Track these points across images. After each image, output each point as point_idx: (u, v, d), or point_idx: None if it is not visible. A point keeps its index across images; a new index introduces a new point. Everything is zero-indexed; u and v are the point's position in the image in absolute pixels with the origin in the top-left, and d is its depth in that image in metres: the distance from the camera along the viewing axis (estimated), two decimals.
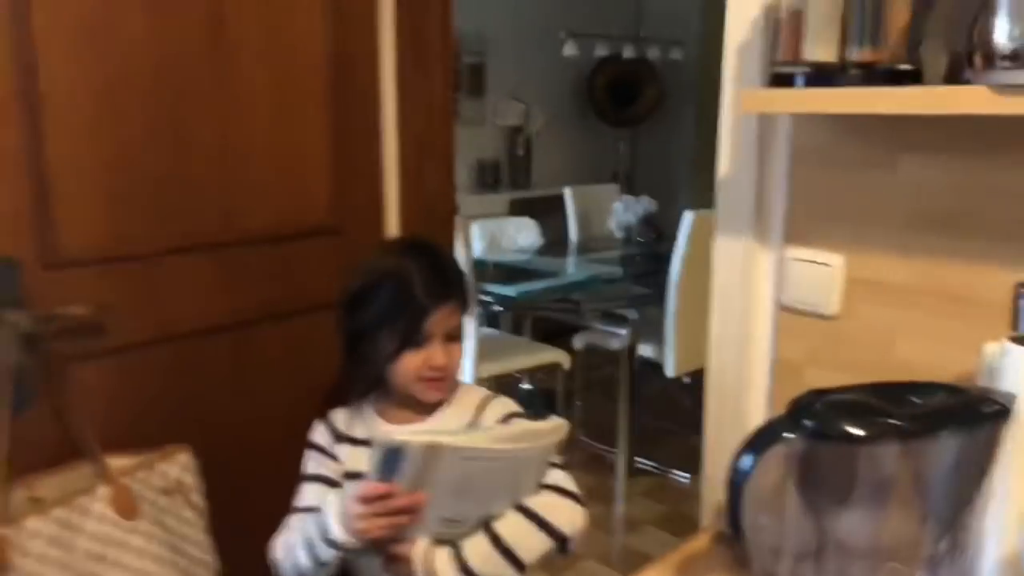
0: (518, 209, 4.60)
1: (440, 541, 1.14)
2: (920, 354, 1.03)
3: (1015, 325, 0.84)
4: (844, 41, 0.92)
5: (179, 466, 1.34)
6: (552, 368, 3.36)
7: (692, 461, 2.21)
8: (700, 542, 1.01)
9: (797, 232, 1.14)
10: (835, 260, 1.10)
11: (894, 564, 0.71)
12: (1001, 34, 0.79)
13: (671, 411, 3.71)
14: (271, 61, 1.49)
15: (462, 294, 1.24)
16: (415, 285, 1.18)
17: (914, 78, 0.92)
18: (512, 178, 5.14)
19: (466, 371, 2.87)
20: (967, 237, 0.98)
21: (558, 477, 1.19)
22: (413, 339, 1.19)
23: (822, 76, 0.94)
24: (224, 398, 1.50)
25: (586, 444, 3.57)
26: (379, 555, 1.15)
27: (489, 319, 3.80)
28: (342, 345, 1.28)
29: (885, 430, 0.71)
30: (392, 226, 1.79)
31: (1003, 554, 0.73)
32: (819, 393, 0.78)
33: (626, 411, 3.09)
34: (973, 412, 0.75)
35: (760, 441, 0.75)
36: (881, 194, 1.05)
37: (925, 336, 1.02)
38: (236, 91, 1.44)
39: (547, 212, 4.55)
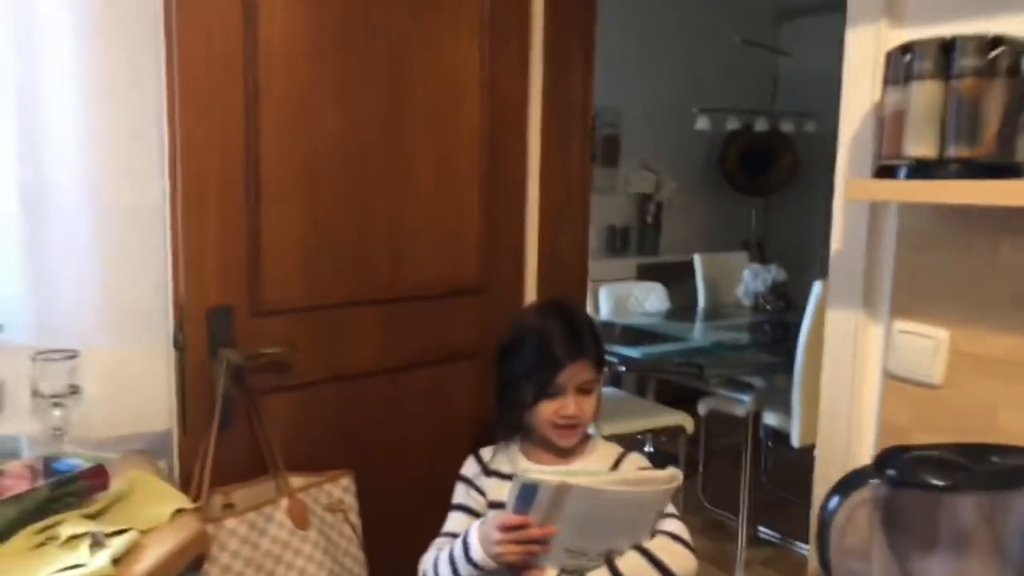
0: (646, 274, 4.73)
1: (564, 571, 1.28)
2: (1021, 424, 1.10)
3: None
4: (943, 139, 1.05)
5: (341, 488, 1.56)
6: (676, 432, 3.42)
7: None
8: None
9: (904, 307, 1.24)
10: (940, 334, 1.19)
11: None
12: None
13: (796, 482, 3.66)
14: (435, 149, 1.74)
15: (595, 352, 1.40)
16: (553, 342, 1.36)
17: (1009, 171, 1.03)
18: (640, 244, 5.28)
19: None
20: None
21: (675, 527, 1.33)
22: (548, 390, 1.36)
23: (921, 169, 1.06)
24: (380, 431, 1.73)
25: (709, 510, 3.58)
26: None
27: (613, 380, 3.93)
28: (494, 391, 1.47)
29: (960, 481, 0.81)
30: (531, 287, 2.00)
31: None
32: (904, 448, 0.89)
33: (749, 478, 3.11)
34: None
35: (846, 485, 0.86)
36: (983, 273, 1.14)
37: None
38: (407, 174, 1.71)
39: (675, 278, 4.65)
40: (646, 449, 4.01)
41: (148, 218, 1.43)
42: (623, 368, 3.31)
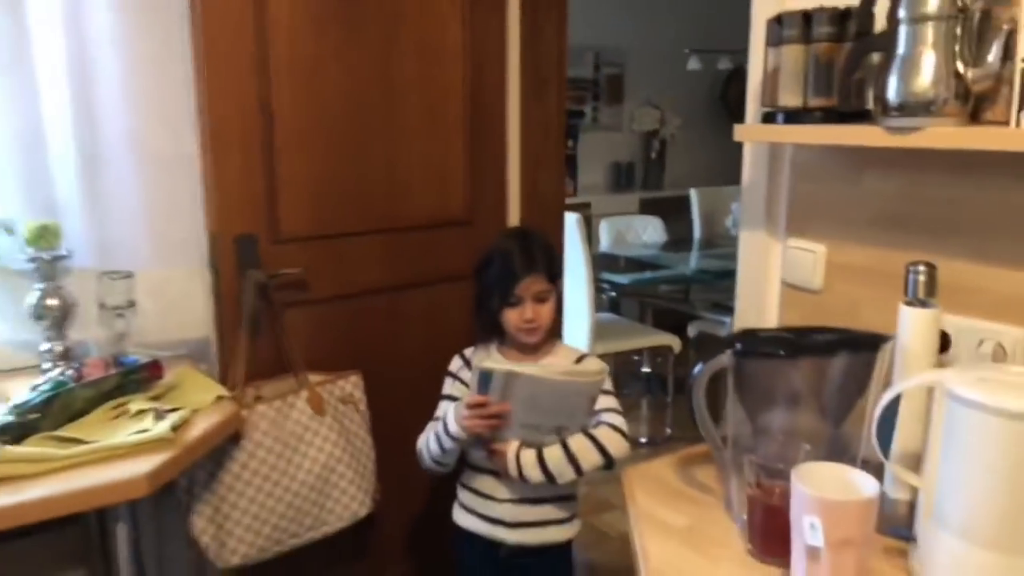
0: (649, 208, 5.00)
1: (528, 445, 1.61)
2: (876, 318, 1.39)
3: (906, 293, 1.19)
4: (806, 91, 1.31)
5: (352, 384, 1.90)
6: (665, 352, 3.73)
7: None
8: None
9: (796, 227, 1.52)
10: (819, 248, 1.47)
11: (805, 445, 1.10)
12: (892, 91, 1.16)
13: None
14: (424, 101, 2.03)
15: (547, 267, 1.68)
16: (511, 260, 1.66)
17: (861, 117, 1.30)
18: (645, 179, 5.52)
19: (583, 345, 3.33)
20: (906, 232, 1.34)
21: (616, 420, 1.63)
22: (510, 299, 1.66)
23: (792, 116, 1.33)
24: (384, 340, 2.06)
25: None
26: (483, 449, 1.65)
27: (612, 306, 4.25)
28: (473, 301, 1.77)
29: (788, 350, 1.12)
30: (514, 219, 2.30)
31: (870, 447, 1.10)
32: (754, 331, 1.19)
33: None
34: (851, 343, 1.13)
35: (706, 358, 1.17)
36: (851, 199, 1.42)
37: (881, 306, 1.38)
38: (400, 123, 2.00)
39: (676, 211, 4.91)
40: (643, 369, 4.34)
41: (183, 163, 1.75)
42: (613, 293, 3.61)
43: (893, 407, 1.08)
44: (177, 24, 1.70)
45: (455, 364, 1.80)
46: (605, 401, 1.65)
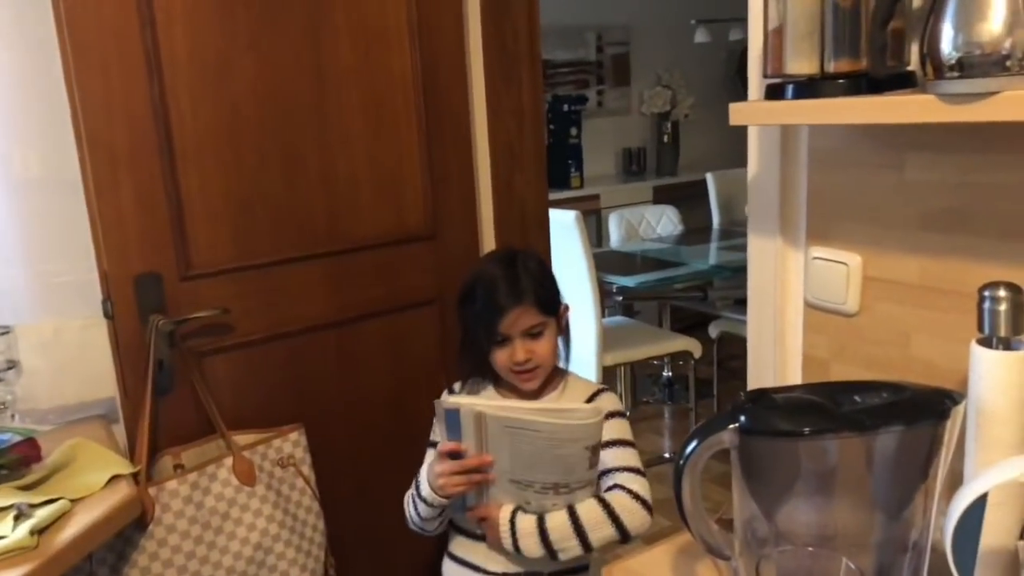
0: (663, 196, 4.62)
1: (522, 509, 1.29)
2: (932, 350, 1.04)
3: (980, 327, 0.84)
4: (822, 52, 0.96)
5: (291, 443, 1.59)
6: (685, 357, 3.38)
7: None
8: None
9: (818, 232, 1.17)
10: (852, 259, 1.12)
11: (846, 561, 0.77)
12: (947, 43, 0.80)
13: None
14: (365, 95, 1.70)
15: (536, 296, 1.34)
16: (494, 290, 1.33)
17: (901, 82, 0.94)
18: (658, 165, 5.13)
19: (590, 356, 2.99)
20: (972, 235, 0.98)
21: (636, 485, 1.31)
22: (495, 337, 1.33)
23: (805, 87, 0.98)
24: (333, 384, 1.74)
25: None
26: (466, 512, 1.33)
27: (625, 309, 3.89)
28: (459, 340, 1.43)
29: (814, 425, 0.77)
30: (488, 229, 1.96)
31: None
32: (762, 392, 0.85)
33: None
34: (906, 411, 0.78)
35: (706, 429, 0.83)
36: (891, 194, 1.06)
37: (939, 333, 1.03)
38: (336, 123, 1.67)
39: (693, 198, 4.53)
40: (664, 373, 3.99)
41: (65, 191, 1.44)
42: (620, 298, 3.26)
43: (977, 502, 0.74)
44: (44, 23, 1.39)
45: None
46: (622, 456, 1.34)
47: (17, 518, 1.17)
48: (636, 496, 1.30)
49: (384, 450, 1.80)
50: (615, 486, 1.31)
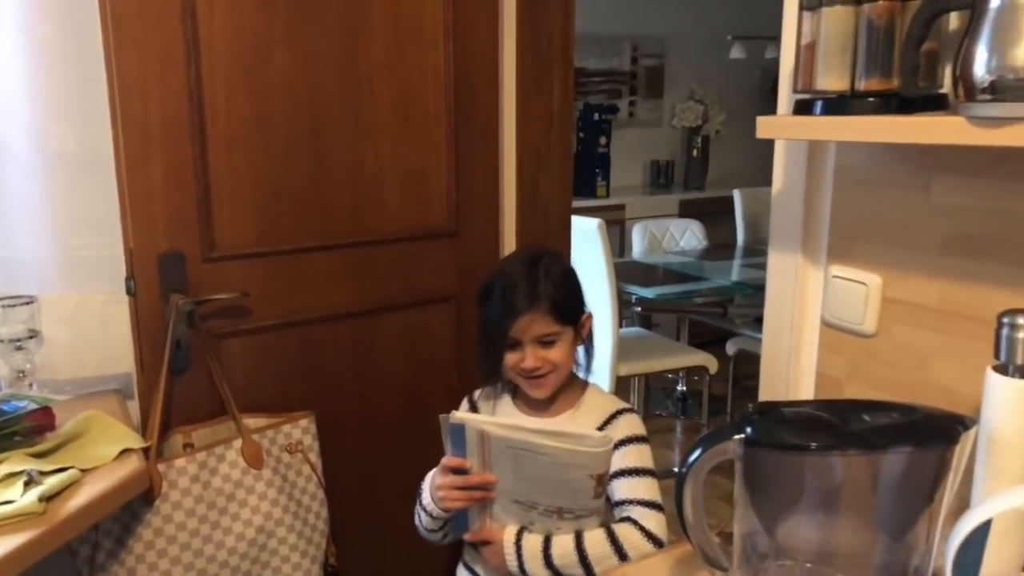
0: (689, 211, 4.59)
1: (527, 530, 1.26)
2: (951, 376, 1.03)
3: (997, 354, 0.83)
4: (854, 70, 0.96)
5: (301, 429, 1.60)
6: (701, 372, 3.36)
7: None
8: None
9: (840, 250, 1.16)
10: (872, 279, 1.11)
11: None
12: (981, 66, 0.80)
13: None
14: (397, 91, 1.71)
15: (552, 304, 1.29)
16: (511, 292, 1.29)
17: (930, 105, 0.94)
18: (686, 179, 5.12)
19: (605, 365, 2.98)
20: (995, 262, 0.97)
21: (651, 522, 1.25)
22: (507, 340, 1.30)
23: (835, 104, 0.98)
24: (346, 374, 1.75)
25: None
26: (465, 531, 1.30)
27: (643, 321, 3.87)
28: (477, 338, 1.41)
29: (818, 441, 0.77)
30: (510, 230, 1.97)
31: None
32: (771, 405, 0.84)
33: None
34: (916, 432, 0.78)
35: (710, 440, 0.83)
36: (915, 215, 1.05)
37: (957, 358, 1.02)
38: (367, 118, 1.68)
39: (720, 214, 4.50)
40: (678, 388, 3.97)
41: (98, 168, 1.46)
42: (638, 309, 3.25)
43: (980, 529, 0.73)
44: (86, 3, 1.41)
45: (462, 410, 1.46)
46: (639, 488, 1.28)
47: (27, 484, 1.18)
48: (649, 535, 1.23)
49: (393, 444, 1.81)
50: (627, 519, 1.26)
